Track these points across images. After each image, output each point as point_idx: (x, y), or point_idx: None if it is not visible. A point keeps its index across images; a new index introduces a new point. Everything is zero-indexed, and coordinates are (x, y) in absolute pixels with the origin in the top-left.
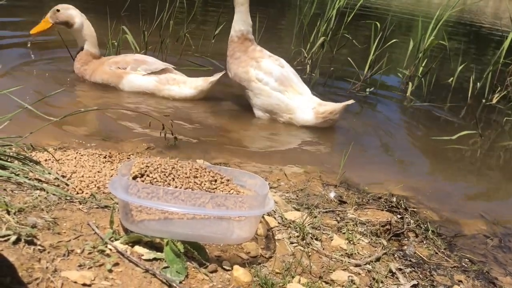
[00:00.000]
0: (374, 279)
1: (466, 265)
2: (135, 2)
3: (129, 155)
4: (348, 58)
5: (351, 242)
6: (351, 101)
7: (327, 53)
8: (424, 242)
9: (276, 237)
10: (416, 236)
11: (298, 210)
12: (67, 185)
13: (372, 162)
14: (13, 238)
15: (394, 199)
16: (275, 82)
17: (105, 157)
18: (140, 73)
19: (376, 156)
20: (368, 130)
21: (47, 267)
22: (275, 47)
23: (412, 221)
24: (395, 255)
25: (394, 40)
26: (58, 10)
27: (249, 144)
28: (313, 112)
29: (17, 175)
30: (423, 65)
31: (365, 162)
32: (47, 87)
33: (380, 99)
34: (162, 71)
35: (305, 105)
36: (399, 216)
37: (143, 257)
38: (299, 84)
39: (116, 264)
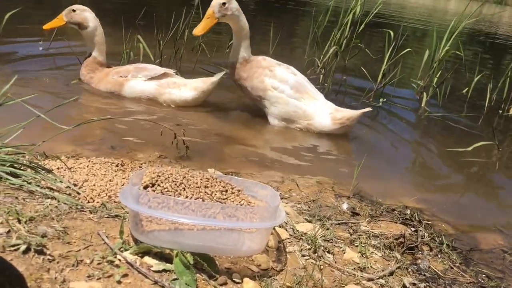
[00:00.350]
0: None
1: (482, 281)
2: (150, 12)
3: (141, 164)
4: (361, 67)
5: (364, 256)
6: (368, 109)
7: (340, 63)
8: (439, 256)
9: (287, 250)
10: (431, 249)
11: (310, 221)
12: (79, 193)
13: (385, 173)
14: (23, 247)
15: (408, 212)
16: (291, 90)
17: (117, 166)
18: (141, 79)
19: (390, 167)
20: (382, 140)
21: (55, 278)
22: (289, 56)
23: (426, 234)
24: (409, 269)
25: (408, 49)
26: (74, 10)
27: (260, 153)
28: (330, 117)
29: (29, 183)
30: (437, 75)
31: (379, 173)
32: (58, 95)
33: (394, 109)
34: (163, 76)
35: (322, 111)
36: (413, 229)
37: (152, 268)
38: (313, 90)
39: (125, 275)
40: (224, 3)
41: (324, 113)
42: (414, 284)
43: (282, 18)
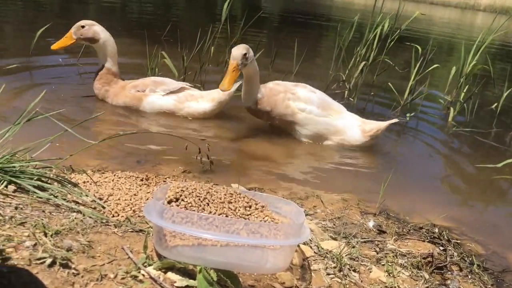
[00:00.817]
0: None
1: None
2: (174, 28)
3: (165, 178)
4: (389, 83)
5: (391, 275)
6: (395, 120)
7: (366, 78)
8: (469, 276)
9: (312, 268)
10: (460, 270)
11: (335, 239)
12: (104, 207)
13: (412, 190)
14: (49, 261)
15: (436, 230)
16: (318, 109)
17: (141, 180)
18: (159, 94)
19: (417, 184)
20: (409, 156)
21: None
22: (313, 72)
23: (455, 254)
24: None
25: (436, 66)
26: (83, 26)
27: (284, 168)
28: (360, 130)
29: (56, 197)
30: (465, 90)
31: (406, 190)
32: (83, 110)
33: (421, 125)
34: (180, 89)
35: (351, 124)
36: (441, 248)
37: (175, 284)
38: (336, 105)
39: None
40: (245, 54)
41: (353, 126)
42: None
43: (307, 34)
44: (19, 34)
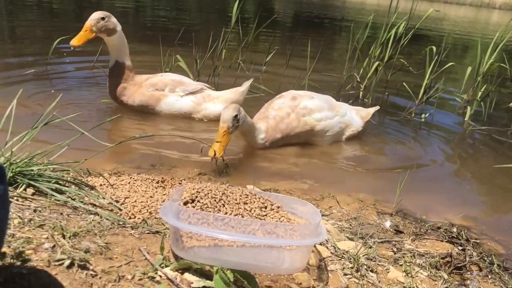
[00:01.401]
0: None
1: None
2: (188, 31)
3: (181, 181)
4: (403, 82)
5: (409, 275)
6: (377, 107)
7: (380, 78)
8: (489, 276)
9: (328, 268)
10: (480, 269)
11: (351, 239)
12: (120, 210)
13: (429, 190)
14: (67, 262)
15: (455, 229)
16: (329, 111)
17: (157, 183)
18: (178, 95)
19: (433, 183)
20: (425, 156)
21: None
22: (327, 73)
23: (475, 254)
24: None
25: (451, 64)
26: (103, 18)
27: (299, 170)
28: (360, 117)
29: (73, 199)
30: (482, 88)
31: (422, 190)
32: (98, 114)
33: (436, 124)
34: (199, 90)
35: (353, 114)
36: (460, 248)
37: (192, 285)
38: (333, 100)
39: None
40: (236, 115)
41: (355, 115)
42: None
43: (320, 34)
44: (36, 39)
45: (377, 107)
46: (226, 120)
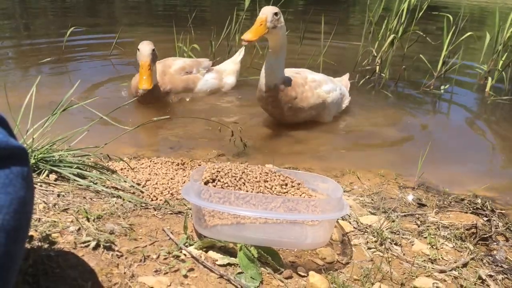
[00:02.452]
0: (462, 286)
1: None
2: (201, 14)
3: (200, 162)
4: (420, 55)
5: (434, 247)
6: (347, 74)
7: (397, 51)
8: None
9: (352, 242)
10: (507, 240)
11: (374, 214)
12: (142, 192)
13: (451, 162)
14: (93, 244)
15: (479, 201)
16: (332, 83)
17: (177, 165)
18: (203, 73)
19: (455, 155)
20: (445, 128)
21: (125, 273)
22: (343, 48)
23: (500, 224)
24: (484, 261)
25: (469, 33)
26: (276, 14)
27: (317, 147)
28: (345, 87)
29: (95, 183)
30: (503, 58)
31: (444, 162)
32: (116, 98)
33: (456, 96)
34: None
35: (343, 86)
36: (485, 219)
37: (217, 263)
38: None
39: (191, 270)
40: (276, 13)
41: (343, 86)
42: (490, 276)
43: (334, 11)
44: (49, 29)
45: (347, 74)
46: (265, 13)
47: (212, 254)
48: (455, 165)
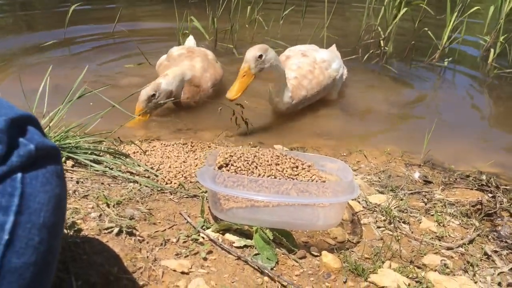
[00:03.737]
0: (468, 262)
1: None
2: None
3: (210, 144)
4: (425, 28)
5: (441, 224)
6: (333, 45)
7: (401, 25)
8: None
9: (361, 222)
10: (511, 215)
11: (382, 193)
12: (156, 176)
13: (456, 138)
14: (116, 230)
15: (484, 177)
16: (337, 58)
17: (187, 147)
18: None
19: (460, 131)
20: (449, 103)
21: (147, 257)
22: (345, 25)
23: (505, 200)
24: (489, 237)
25: (477, 7)
26: (260, 56)
27: (323, 126)
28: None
29: (111, 169)
30: (505, 30)
31: (449, 139)
32: (119, 81)
33: (460, 69)
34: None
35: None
36: (490, 195)
37: (234, 245)
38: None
39: (210, 252)
40: (260, 55)
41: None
42: (495, 251)
43: None
44: (50, 10)
45: (333, 45)
46: (248, 59)
47: (229, 236)
48: (460, 142)
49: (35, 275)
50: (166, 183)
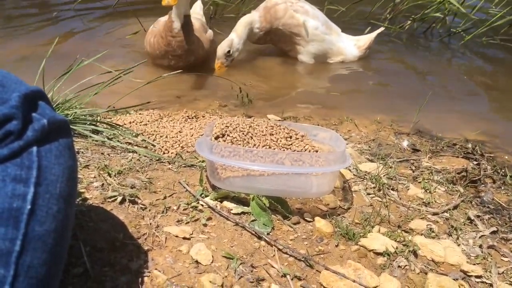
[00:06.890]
0: (452, 226)
1: None
2: None
3: (204, 114)
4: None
5: (428, 191)
6: (381, 29)
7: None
8: (502, 188)
9: (352, 189)
10: (494, 182)
11: (371, 161)
12: (154, 146)
13: (444, 107)
14: (119, 198)
15: (470, 145)
16: (323, 26)
17: (182, 117)
18: None
19: (448, 100)
20: (438, 72)
21: (150, 224)
22: None
23: (489, 167)
24: (473, 202)
25: None
26: (228, 52)
27: (315, 95)
28: (357, 47)
29: (110, 139)
30: None
31: (437, 108)
32: (120, 52)
33: (452, 40)
34: None
35: (348, 45)
36: (475, 163)
37: (232, 211)
38: (335, 26)
39: (209, 219)
40: (228, 51)
41: (350, 45)
42: (478, 216)
43: None
44: None
45: (380, 29)
46: (219, 57)
47: (227, 204)
48: (448, 110)
49: (56, 241)
50: (163, 153)
